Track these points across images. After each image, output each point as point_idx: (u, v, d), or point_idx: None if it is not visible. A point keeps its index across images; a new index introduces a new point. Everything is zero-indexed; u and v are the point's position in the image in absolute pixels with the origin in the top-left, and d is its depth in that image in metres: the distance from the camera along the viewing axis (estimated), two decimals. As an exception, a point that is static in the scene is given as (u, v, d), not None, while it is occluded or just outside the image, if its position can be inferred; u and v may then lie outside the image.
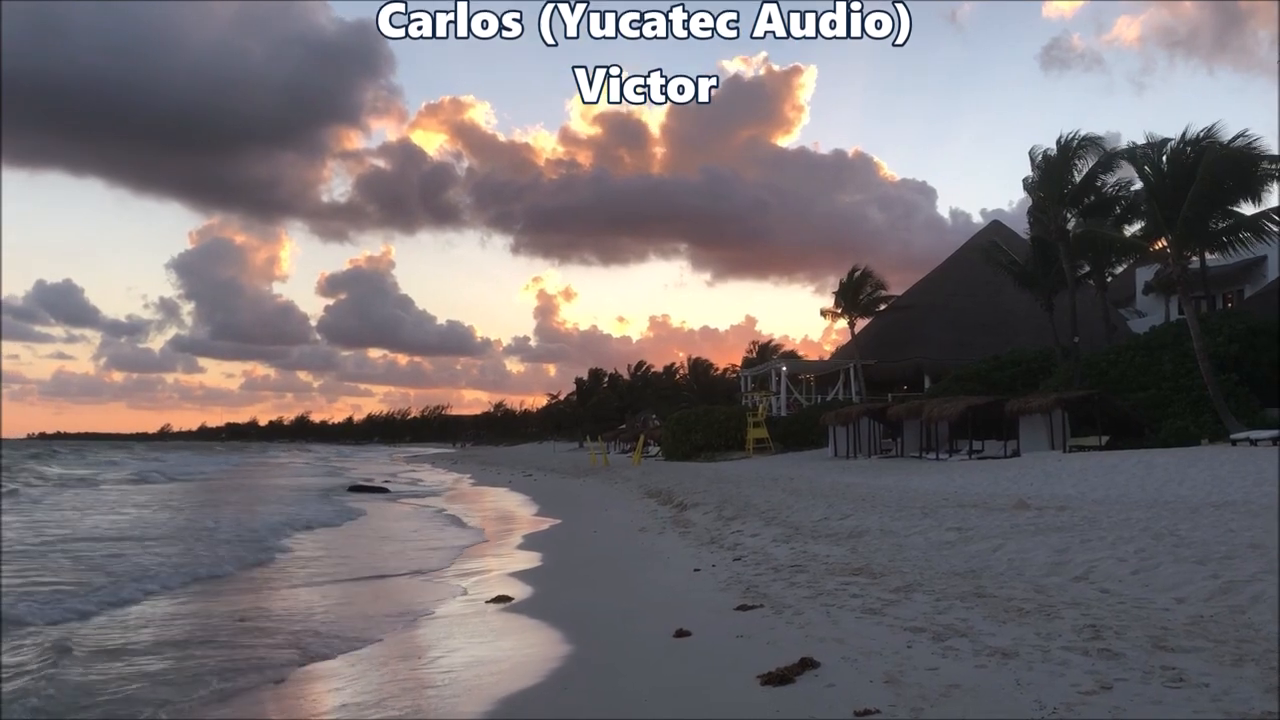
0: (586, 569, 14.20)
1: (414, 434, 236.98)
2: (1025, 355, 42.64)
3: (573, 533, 20.17)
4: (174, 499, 33.08)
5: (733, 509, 19.49)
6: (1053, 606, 8.35)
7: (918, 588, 9.60)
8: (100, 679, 8.07)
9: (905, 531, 13.99)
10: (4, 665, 8.42)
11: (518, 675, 7.96)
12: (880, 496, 20.06)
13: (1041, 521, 13.60)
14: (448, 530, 21.94)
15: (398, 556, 16.81)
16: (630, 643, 8.62)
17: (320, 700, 7.67)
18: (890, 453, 38.31)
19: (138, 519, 24.20)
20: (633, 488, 31.78)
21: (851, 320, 58.73)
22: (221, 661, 8.68)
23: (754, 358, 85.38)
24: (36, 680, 7.86)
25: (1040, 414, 30.60)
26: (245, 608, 11.48)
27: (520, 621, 10.20)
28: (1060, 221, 36.01)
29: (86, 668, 8.42)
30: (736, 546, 14.29)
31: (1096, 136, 35.82)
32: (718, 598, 10.16)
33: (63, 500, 31.21)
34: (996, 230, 61.60)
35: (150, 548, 17.24)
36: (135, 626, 10.36)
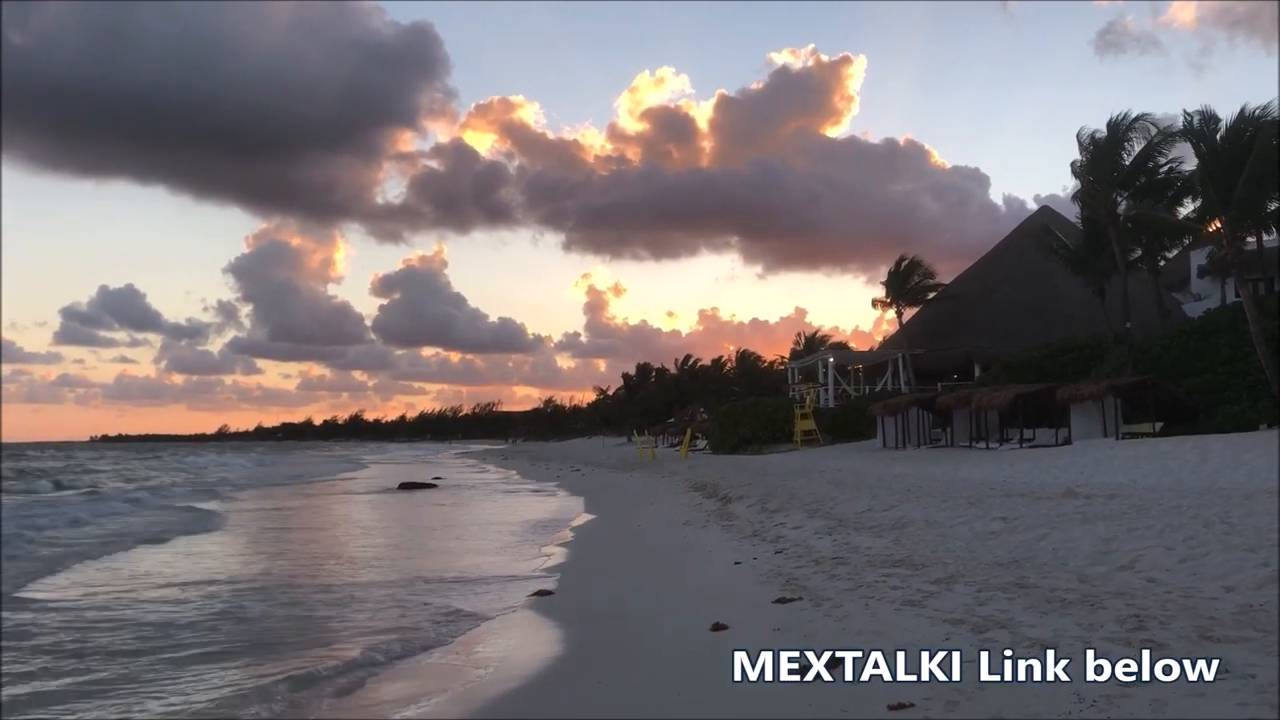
0: (628, 563, 14.19)
1: (465, 431, 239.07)
2: (1077, 342, 41.87)
3: (616, 526, 20.18)
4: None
5: (776, 501, 19.39)
6: (1096, 596, 8.19)
7: (959, 579, 9.47)
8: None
9: (950, 522, 13.83)
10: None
11: (550, 666, 7.99)
12: (927, 487, 19.85)
13: (1089, 510, 13.36)
14: (494, 525, 22.05)
15: (445, 550, 16.93)
16: (667, 636, 8.60)
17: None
18: (940, 442, 37.85)
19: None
20: (678, 481, 31.74)
21: (900, 310, 58.16)
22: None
23: (801, 350, 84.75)
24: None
25: (1092, 401, 30.05)
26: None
27: (557, 614, 10.23)
28: (1111, 205, 35.29)
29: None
30: (779, 539, 14.21)
31: (1147, 117, 35.05)
32: (757, 590, 10.11)
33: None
34: (1047, 215, 60.54)
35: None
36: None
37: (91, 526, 22.04)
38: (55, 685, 7.88)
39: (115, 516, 24.80)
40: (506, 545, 17.64)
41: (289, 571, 14.62)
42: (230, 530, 21.83)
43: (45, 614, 10.89)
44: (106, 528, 21.76)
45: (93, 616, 10.71)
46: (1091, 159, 35.83)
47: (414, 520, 24.40)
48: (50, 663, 8.61)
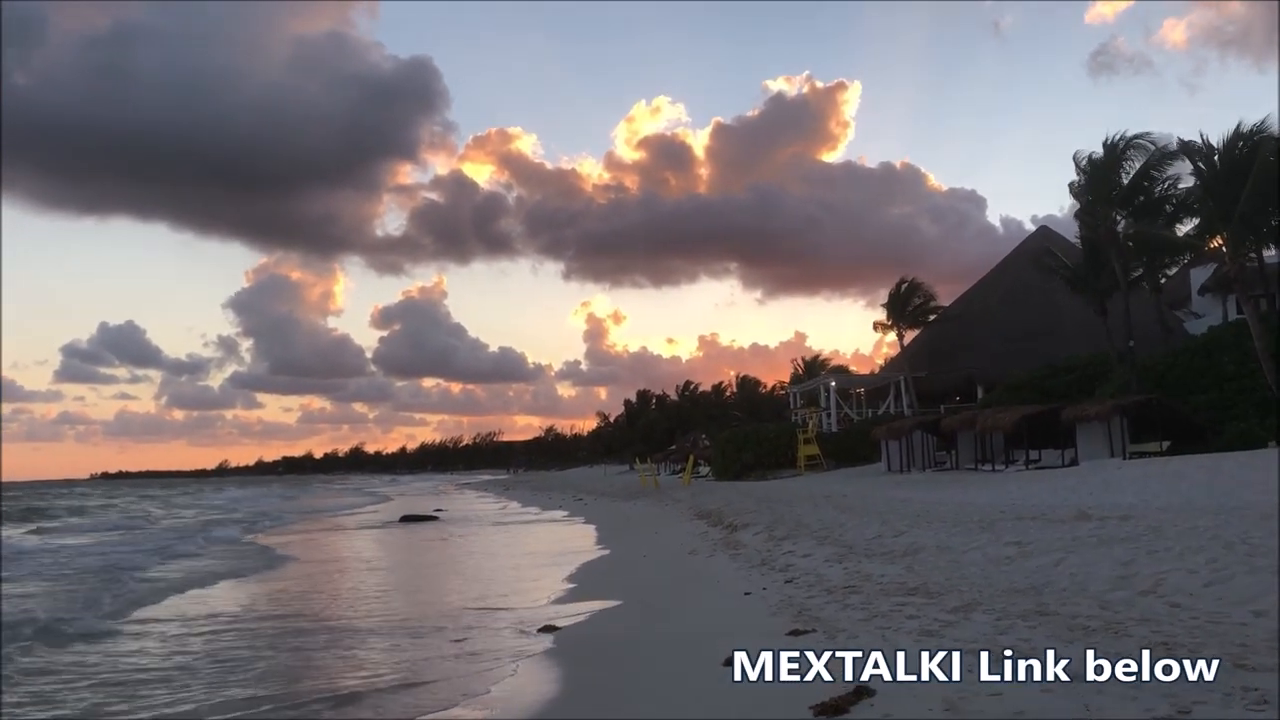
0: (634, 595, 13.91)
1: (467, 462, 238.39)
2: (1079, 361, 41.69)
3: (622, 557, 19.91)
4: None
5: (784, 529, 19.13)
6: (1120, 623, 7.94)
7: (977, 606, 9.22)
8: None
9: (962, 547, 13.57)
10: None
11: (557, 705, 7.76)
12: (936, 511, 19.58)
13: (1104, 532, 13.11)
14: (495, 559, 21.78)
15: (457, 584, 16.69)
16: (677, 671, 8.36)
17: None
18: (945, 465, 37.60)
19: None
20: (683, 509, 31.44)
21: (901, 332, 58.04)
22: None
23: (802, 374, 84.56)
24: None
25: (1098, 421, 29.84)
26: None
27: (564, 650, 10.00)
28: (1110, 223, 35.23)
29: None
30: (788, 568, 13.94)
31: (1144, 136, 35.06)
32: (769, 622, 9.84)
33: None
34: (1045, 236, 60.60)
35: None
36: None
37: (174, 562, 22.21)
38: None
39: (182, 553, 24.58)
40: (510, 579, 17.38)
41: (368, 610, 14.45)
42: (299, 565, 21.72)
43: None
44: (186, 564, 21.90)
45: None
46: (1089, 179, 35.82)
47: (419, 555, 24.12)
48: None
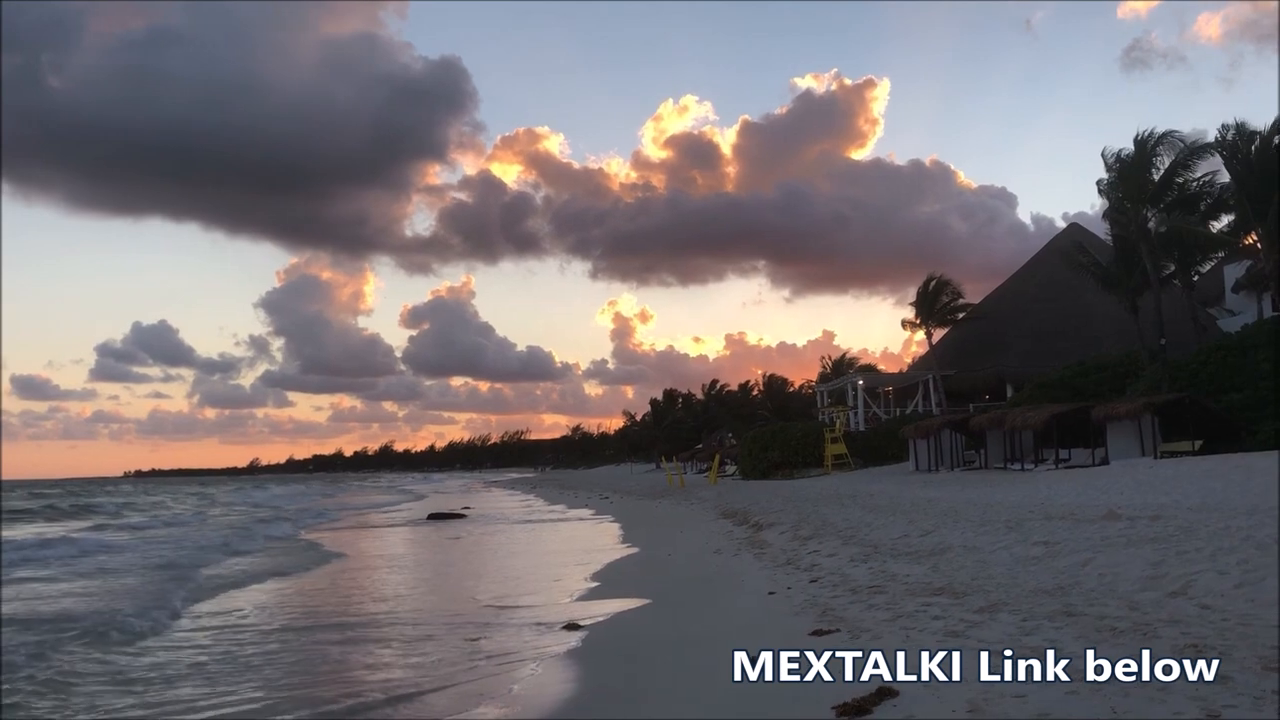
0: (658, 593, 13.86)
1: (494, 460, 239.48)
2: (1110, 360, 41.26)
3: (646, 555, 19.88)
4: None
5: (809, 528, 19.04)
6: (1149, 625, 7.82)
7: (1003, 607, 9.12)
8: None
9: (989, 547, 13.44)
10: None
11: (577, 704, 7.73)
12: (963, 511, 19.42)
13: (1133, 532, 12.94)
14: (519, 556, 21.82)
15: (479, 582, 16.71)
16: (699, 671, 8.31)
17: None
18: (974, 465, 37.31)
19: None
20: (708, 508, 31.37)
21: (929, 331, 57.70)
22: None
23: (829, 373, 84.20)
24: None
25: (1128, 420, 29.50)
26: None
27: (586, 649, 9.98)
28: (1142, 220, 34.83)
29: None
30: (813, 567, 13.86)
31: (1175, 132, 34.64)
32: (792, 622, 9.77)
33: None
34: (1076, 233, 60.04)
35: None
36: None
37: (239, 558, 22.50)
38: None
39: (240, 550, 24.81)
40: (533, 577, 17.40)
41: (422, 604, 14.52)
42: (346, 561, 21.94)
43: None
44: (250, 560, 22.18)
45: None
46: (1120, 176, 35.45)
47: (444, 553, 24.22)
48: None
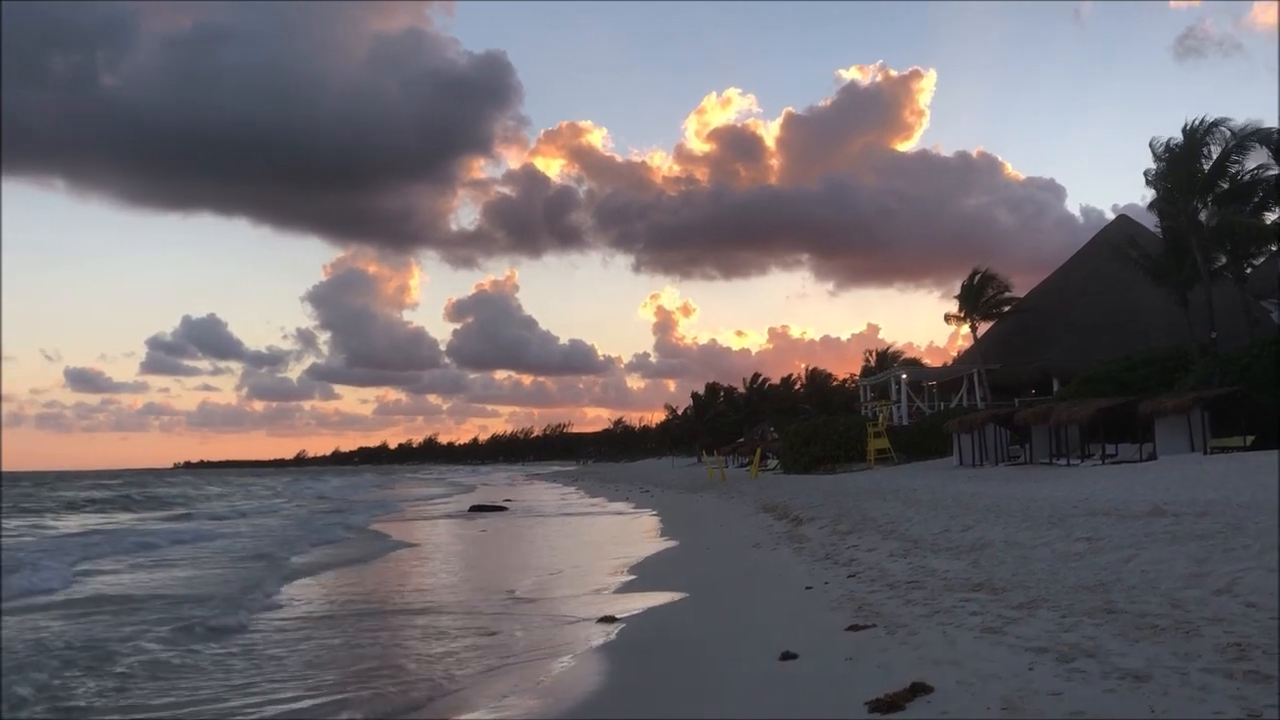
0: (695, 587, 13.86)
1: (537, 453, 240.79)
2: (1159, 354, 40.52)
3: (685, 549, 19.89)
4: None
5: (849, 523, 18.93)
6: (1191, 623, 7.69)
7: (1042, 603, 9.01)
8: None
9: (1031, 543, 13.29)
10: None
11: (610, 695, 7.76)
12: (1006, 506, 19.20)
13: (1179, 529, 12.72)
14: (558, 549, 21.91)
15: (517, 574, 16.82)
16: (733, 665, 8.30)
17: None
18: (1018, 459, 36.88)
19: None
20: (749, 502, 31.30)
21: (974, 324, 57.07)
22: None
23: (872, 366, 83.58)
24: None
25: (1178, 414, 29.00)
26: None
27: (623, 641, 10.00)
28: (1192, 212, 34.19)
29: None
30: (852, 562, 13.79)
31: (1226, 121, 33.93)
32: (828, 617, 9.74)
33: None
34: (1125, 225, 59.06)
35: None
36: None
37: (323, 548, 23.34)
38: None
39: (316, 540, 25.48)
40: (571, 569, 17.48)
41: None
42: (414, 550, 22.62)
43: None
44: (331, 550, 22.86)
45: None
46: (1169, 166, 34.82)
47: (484, 546, 24.39)
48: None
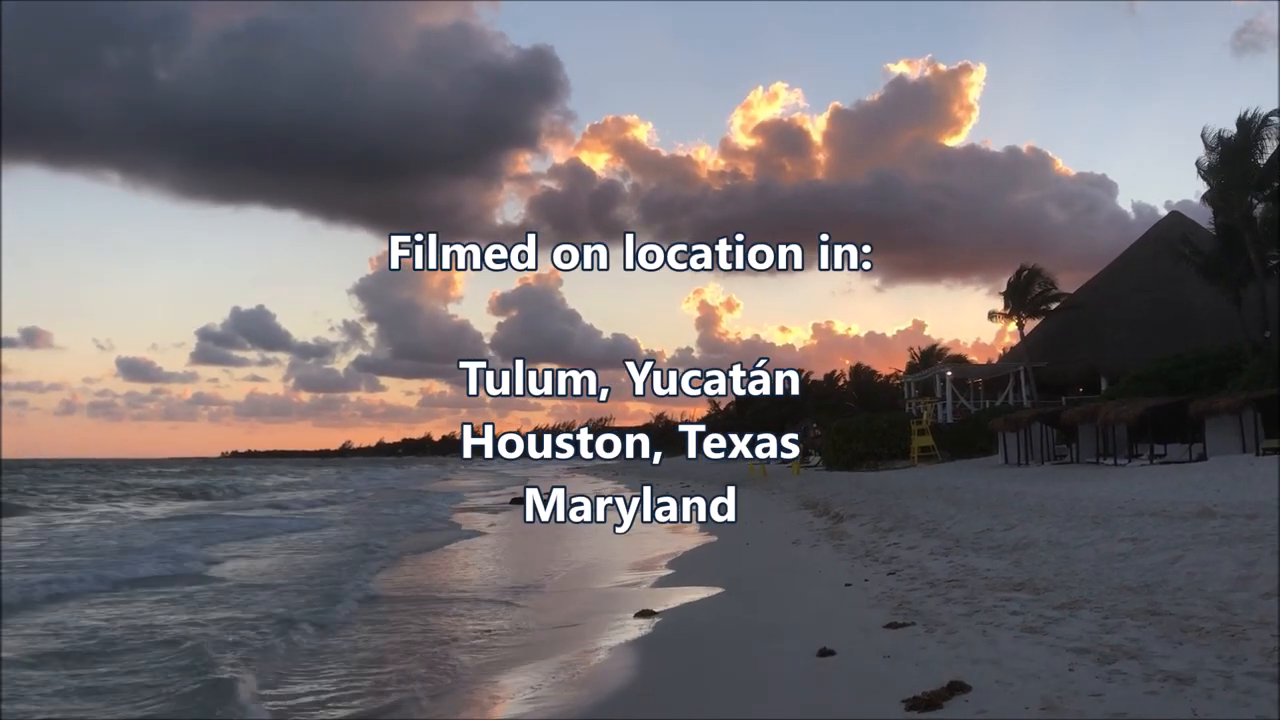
0: (735, 582, 13.85)
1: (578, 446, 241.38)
2: (1210, 353, 39.70)
3: (724, 544, 19.87)
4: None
5: (890, 521, 18.82)
6: (1238, 626, 7.57)
7: (1084, 604, 8.92)
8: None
9: (1074, 543, 13.14)
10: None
11: (648, 688, 7.80)
12: (1050, 505, 18.99)
13: (1227, 530, 12.51)
14: (596, 543, 21.98)
15: (555, 566, 16.91)
16: (770, 661, 8.30)
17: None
18: (1065, 459, 36.37)
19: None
20: (790, 499, 31.21)
21: (1020, 322, 56.34)
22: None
23: (917, 363, 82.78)
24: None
25: (1229, 414, 28.44)
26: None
27: (660, 635, 10.03)
28: (1246, 207, 33.52)
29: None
30: (892, 560, 13.71)
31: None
32: (867, 614, 9.71)
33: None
34: (1177, 221, 58.00)
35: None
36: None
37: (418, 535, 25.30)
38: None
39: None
40: (609, 563, 17.56)
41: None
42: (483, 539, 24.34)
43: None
44: (428, 536, 24.89)
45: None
46: (1222, 160, 34.16)
47: (522, 539, 24.59)
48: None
